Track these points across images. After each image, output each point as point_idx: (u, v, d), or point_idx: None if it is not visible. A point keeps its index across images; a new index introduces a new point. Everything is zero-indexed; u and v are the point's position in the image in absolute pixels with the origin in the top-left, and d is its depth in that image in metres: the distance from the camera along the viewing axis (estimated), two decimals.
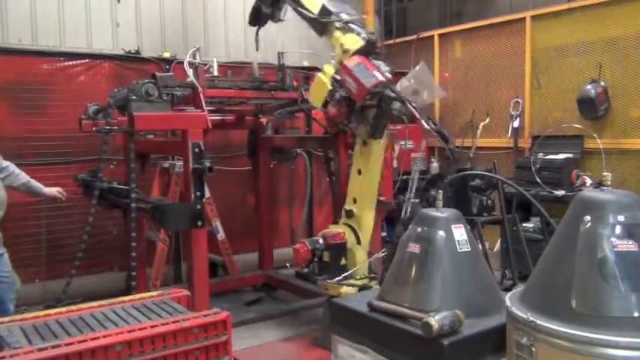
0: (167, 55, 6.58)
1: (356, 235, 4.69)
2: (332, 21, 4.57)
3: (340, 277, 4.38)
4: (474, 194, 5.26)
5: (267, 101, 5.78)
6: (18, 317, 2.85)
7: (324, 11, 4.62)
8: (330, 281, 4.44)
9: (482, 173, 4.50)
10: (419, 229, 2.91)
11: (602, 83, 6.32)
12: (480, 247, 3.50)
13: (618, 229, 2.23)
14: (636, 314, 2.12)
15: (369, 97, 4.26)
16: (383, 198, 5.00)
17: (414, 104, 4.33)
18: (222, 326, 2.77)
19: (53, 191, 4.87)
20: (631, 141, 6.25)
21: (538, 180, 6.09)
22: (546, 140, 6.62)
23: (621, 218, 2.24)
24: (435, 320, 2.48)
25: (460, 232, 2.87)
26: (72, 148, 5.87)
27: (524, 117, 7.19)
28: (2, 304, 4.37)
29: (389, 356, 2.74)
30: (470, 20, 8.05)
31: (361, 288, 4.26)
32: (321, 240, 4.57)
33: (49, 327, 2.71)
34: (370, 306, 2.90)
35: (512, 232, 5.32)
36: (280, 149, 6.33)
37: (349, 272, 4.40)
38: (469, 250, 2.85)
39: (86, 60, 6.12)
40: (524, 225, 6.14)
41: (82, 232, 4.37)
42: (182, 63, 5.08)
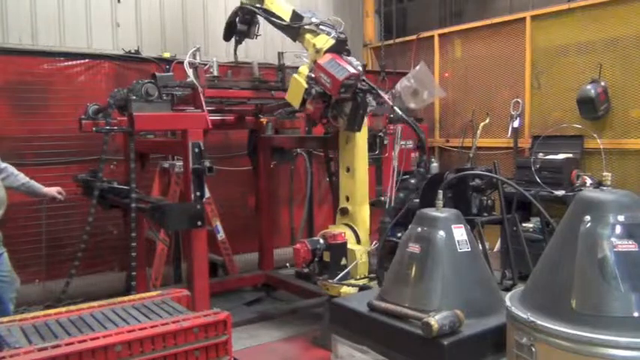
0: (167, 55, 6.58)
1: (356, 235, 4.70)
2: (303, 24, 4.77)
3: (340, 276, 4.41)
4: (474, 194, 5.25)
5: (267, 101, 5.80)
6: (18, 317, 2.86)
7: (296, 17, 4.84)
8: (331, 281, 4.46)
9: (482, 173, 4.50)
10: (419, 229, 2.91)
11: (602, 83, 6.30)
12: (480, 247, 3.51)
13: (618, 229, 2.23)
14: (636, 314, 2.12)
15: (344, 91, 4.38)
16: (383, 198, 5.02)
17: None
18: (222, 326, 2.77)
19: (53, 191, 4.86)
20: (631, 141, 6.24)
21: (538, 180, 6.08)
22: (546, 140, 6.60)
23: (621, 218, 2.24)
24: (435, 320, 2.48)
25: (460, 232, 2.87)
26: (72, 148, 5.85)
27: (524, 117, 7.17)
28: (2, 304, 4.36)
29: (389, 356, 2.74)
30: (470, 20, 8.04)
31: (361, 288, 4.27)
32: (322, 240, 4.59)
33: (49, 327, 2.71)
34: (370, 306, 2.90)
35: (512, 232, 5.31)
36: (280, 149, 6.33)
37: (348, 268, 4.46)
38: (469, 250, 2.85)
39: (86, 60, 6.11)
40: (524, 225, 6.11)
41: (82, 232, 4.39)
42: (182, 63, 5.10)
